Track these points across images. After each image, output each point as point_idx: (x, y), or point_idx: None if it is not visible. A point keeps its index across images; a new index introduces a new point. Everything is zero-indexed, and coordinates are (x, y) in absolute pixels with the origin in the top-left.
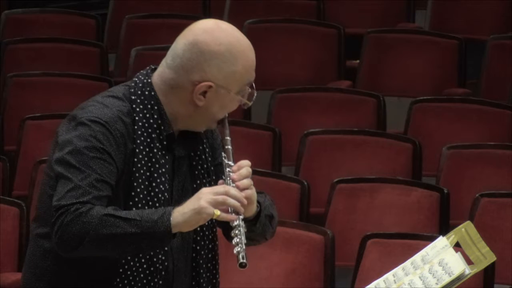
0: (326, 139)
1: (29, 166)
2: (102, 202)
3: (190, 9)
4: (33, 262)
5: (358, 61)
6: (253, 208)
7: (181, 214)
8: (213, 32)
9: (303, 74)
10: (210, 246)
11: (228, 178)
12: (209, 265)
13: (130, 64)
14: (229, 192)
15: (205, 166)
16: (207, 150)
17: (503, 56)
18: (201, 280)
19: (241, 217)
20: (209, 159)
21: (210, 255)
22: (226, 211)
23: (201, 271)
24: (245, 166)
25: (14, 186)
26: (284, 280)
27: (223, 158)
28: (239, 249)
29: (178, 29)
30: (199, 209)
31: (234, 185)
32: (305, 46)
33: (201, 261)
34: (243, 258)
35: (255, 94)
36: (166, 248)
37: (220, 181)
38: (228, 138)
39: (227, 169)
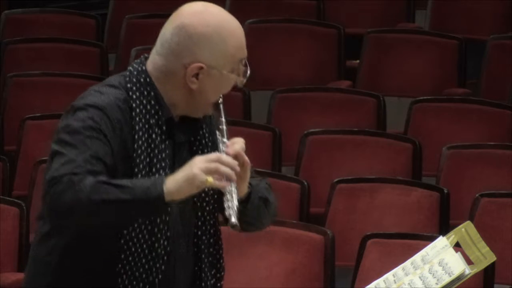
0: (326, 139)
1: (29, 166)
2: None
3: None
4: (38, 259)
5: (358, 61)
6: (245, 188)
7: (174, 182)
8: (200, 14)
9: (303, 74)
10: (211, 231)
11: (222, 152)
12: (211, 249)
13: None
14: (222, 159)
15: (205, 151)
16: (207, 135)
17: (503, 56)
18: (203, 265)
19: (234, 184)
20: (209, 144)
21: (212, 240)
22: (220, 181)
23: (203, 256)
24: (239, 142)
25: (14, 186)
26: (284, 280)
27: (218, 136)
28: (231, 211)
29: None
30: (192, 176)
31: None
32: (305, 46)
33: (202, 246)
34: (235, 220)
35: (249, 71)
36: (168, 234)
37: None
38: (222, 119)
39: (221, 145)
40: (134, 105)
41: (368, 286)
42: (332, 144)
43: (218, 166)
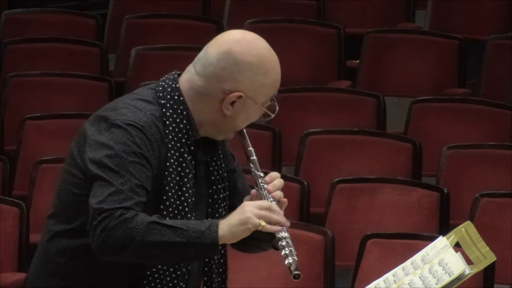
0: (326, 139)
1: (29, 166)
2: (141, 208)
3: (190, 9)
4: (47, 258)
5: (358, 61)
6: None
7: (228, 226)
8: (247, 43)
9: (303, 74)
10: (222, 251)
11: (263, 190)
12: (220, 269)
13: (130, 64)
14: (272, 207)
15: (220, 172)
16: (221, 156)
17: (503, 56)
18: (214, 285)
19: (286, 228)
20: (223, 165)
21: (222, 260)
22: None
23: (213, 275)
24: (277, 177)
25: (14, 186)
26: (284, 280)
27: (252, 169)
28: (290, 260)
29: (178, 29)
30: (246, 220)
31: (270, 196)
32: (305, 46)
33: (213, 266)
34: (296, 269)
35: (277, 108)
36: None
37: (253, 191)
38: (251, 149)
39: (259, 180)
40: (167, 122)
41: (368, 286)
42: (332, 144)
43: (269, 215)
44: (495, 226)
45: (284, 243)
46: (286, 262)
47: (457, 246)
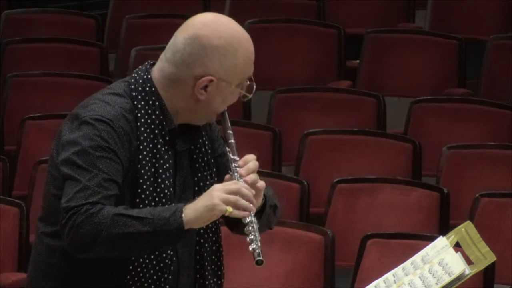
0: (326, 139)
1: (29, 166)
2: (111, 201)
3: (190, 9)
4: (39, 260)
5: (358, 61)
6: (260, 201)
7: (193, 211)
8: (213, 26)
9: (303, 74)
10: (213, 238)
11: (236, 174)
12: (213, 257)
13: (130, 64)
14: (241, 191)
15: (205, 159)
16: (206, 142)
17: (503, 56)
18: (206, 273)
19: (253, 213)
20: (209, 151)
21: (214, 247)
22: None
23: (206, 263)
24: (251, 160)
25: (14, 186)
26: (284, 280)
27: (228, 153)
28: (254, 246)
29: None
30: (212, 206)
31: (242, 180)
32: (305, 46)
33: (205, 254)
34: (259, 255)
35: (255, 87)
36: None
37: (227, 176)
38: (230, 132)
39: (233, 164)
40: (139, 114)
41: (368, 286)
42: (332, 144)
43: (237, 200)
44: (495, 226)
45: (250, 228)
46: (250, 248)
47: (457, 246)
